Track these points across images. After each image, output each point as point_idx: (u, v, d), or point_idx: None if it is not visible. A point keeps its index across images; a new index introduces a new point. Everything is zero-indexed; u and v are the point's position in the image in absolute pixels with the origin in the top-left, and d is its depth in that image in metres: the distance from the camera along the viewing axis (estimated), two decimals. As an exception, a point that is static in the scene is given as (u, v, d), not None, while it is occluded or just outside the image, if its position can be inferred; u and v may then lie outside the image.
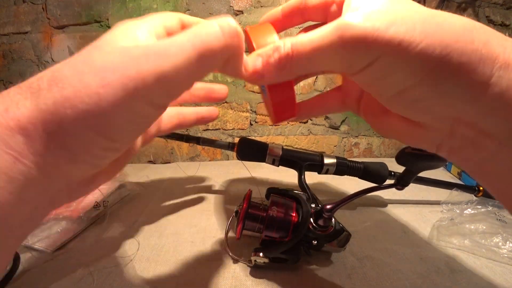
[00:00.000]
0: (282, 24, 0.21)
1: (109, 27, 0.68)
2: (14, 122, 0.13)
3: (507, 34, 0.69)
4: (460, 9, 0.68)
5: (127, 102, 0.14)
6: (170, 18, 0.19)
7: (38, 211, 0.15)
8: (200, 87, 0.27)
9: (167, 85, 0.14)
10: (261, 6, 0.66)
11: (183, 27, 0.20)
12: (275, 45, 0.17)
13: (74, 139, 0.14)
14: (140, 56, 0.14)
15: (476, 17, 0.68)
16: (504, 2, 0.67)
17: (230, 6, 0.66)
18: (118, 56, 0.14)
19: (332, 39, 0.15)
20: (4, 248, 0.15)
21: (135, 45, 0.15)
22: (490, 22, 0.69)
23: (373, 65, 0.15)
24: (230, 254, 0.31)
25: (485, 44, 0.14)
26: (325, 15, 0.20)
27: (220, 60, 0.16)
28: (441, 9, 0.64)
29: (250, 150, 0.40)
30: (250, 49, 0.21)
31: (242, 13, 0.66)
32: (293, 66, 0.16)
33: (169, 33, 0.18)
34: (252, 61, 0.17)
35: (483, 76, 0.13)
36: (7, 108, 0.13)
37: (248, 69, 0.17)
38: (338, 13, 0.18)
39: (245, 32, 0.21)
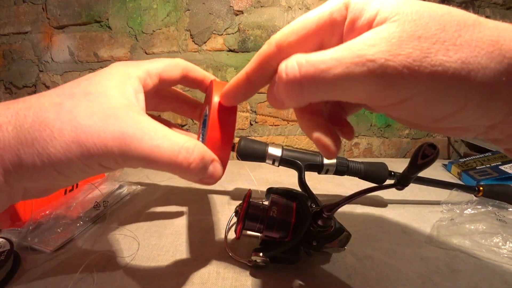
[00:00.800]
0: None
1: (109, 27, 0.68)
2: None
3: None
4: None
5: (87, 159, 0.17)
6: (172, 68, 0.24)
7: (2, 207, 0.18)
8: None
9: (122, 163, 0.18)
10: (261, 6, 0.66)
11: (184, 76, 0.25)
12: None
13: (37, 169, 0.16)
14: (113, 133, 0.16)
15: (476, 17, 0.68)
16: (504, 2, 0.67)
17: (230, 6, 0.66)
18: (98, 122, 0.17)
19: (349, 67, 0.13)
20: None
21: (115, 114, 0.17)
22: (490, 22, 0.69)
23: (411, 99, 0.14)
24: (230, 254, 0.31)
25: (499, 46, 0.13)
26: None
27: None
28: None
29: (250, 150, 0.40)
30: (208, 98, 0.26)
31: (242, 13, 0.66)
32: (303, 89, 0.14)
33: (164, 78, 0.23)
34: (269, 88, 0.18)
35: None
36: None
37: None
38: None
39: (210, 82, 0.26)
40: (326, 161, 0.40)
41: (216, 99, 0.22)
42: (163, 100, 0.28)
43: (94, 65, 0.70)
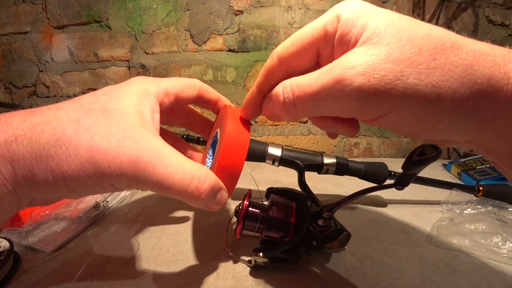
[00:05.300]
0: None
1: (109, 26, 0.68)
2: (9, 155, 0.15)
3: (507, 34, 0.70)
4: (460, 9, 0.68)
5: (100, 179, 0.17)
6: (189, 88, 0.24)
7: (7, 214, 0.18)
8: None
9: (134, 186, 0.18)
10: (261, 6, 0.66)
11: (200, 97, 0.25)
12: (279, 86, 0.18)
13: (49, 185, 0.16)
14: (129, 157, 0.17)
15: (476, 17, 0.68)
16: (504, 2, 0.67)
17: (230, 6, 0.66)
18: (115, 143, 0.17)
19: (330, 90, 0.15)
20: None
21: (132, 136, 0.17)
22: (490, 22, 0.69)
23: (387, 115, 0.15)
24: (230, 254, 0.31)
25: (488, 79, 0.13)
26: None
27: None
28: (441, 9, 0.64)
29: (250, 150, 0.40)
30: (219, 122, 0.26)
31: (242, 13, 0.66)
32: (296, 109, 0.17)
33: (180, 97, 0.23)
34: (265, 103, 0.20)
35: (489, 112, 0.14)
36: (6, 141, 0.15)
37: (264, 109, 0.20)
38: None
39: (225, 107, 0.27)
40: (326, 160, 0.40)
41: (230, 128, 0.22)
42: (175, 115, 0.29)
43: (94, 65, 0.70)
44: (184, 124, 0.31)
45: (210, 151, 0.29)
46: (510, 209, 0.39)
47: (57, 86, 0.72)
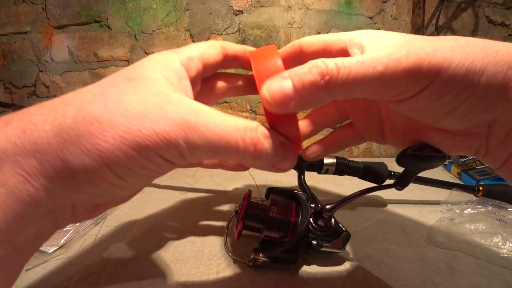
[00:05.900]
0: None
1: (108, 26, 0.68)
2: (30, 145, 0.13)
3: (507, 34, 0.70)
4: (460, 9, 0.68)
5: (146, 152, 0.14)
6: (211, 49, 0.21)
7: (43, 232, 0.15)
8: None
9: (187, 155, 0.15)
10: (261, 6, 0.66)
11: (226, 55, 0.22)
12: (311, 63, 0.15)
13: (88, 171, 0.14)
14: (175, 121, 0.14)
15: (476, 17, 0.68)
16: (504, 2, 0.67)
17: (230, 6, 0.66)
18: (154, 110, 0.14)
19: (383, 68, 0.15)
20: (7, 268, 0.14)
21: (169, 101, 0.15)
22: (490, 22, 0.69)
23: (427, 89, 0.15)
24: (230, 254, 0.31)
25: (509, 52, 0.15)
26: None
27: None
28: (441, 9, 0.64)
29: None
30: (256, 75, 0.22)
31: (242, 13, 0.66)
32: (335, 87, 0.15)
33: (206, 62, 0.20)
34: (276, 84, 0.15)
35: None
36: (24, 129, 0.13)
37: (272, 93, 0.15)
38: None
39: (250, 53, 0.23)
40: (326, 160, 0.40)
41: (257, 69, 0.18)
42: (213, 89, 0.25)
43: (94, 65, 0.70)
44: (228, 93, 0.27)
45: None
46: (510, 209, 0.39)
47: (57, 86, 0.72)
